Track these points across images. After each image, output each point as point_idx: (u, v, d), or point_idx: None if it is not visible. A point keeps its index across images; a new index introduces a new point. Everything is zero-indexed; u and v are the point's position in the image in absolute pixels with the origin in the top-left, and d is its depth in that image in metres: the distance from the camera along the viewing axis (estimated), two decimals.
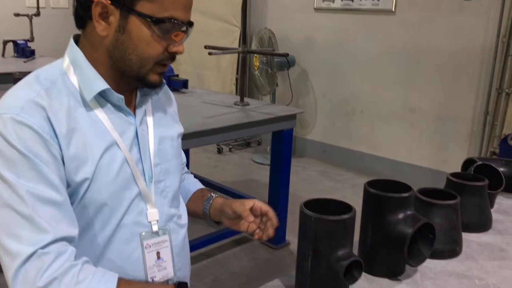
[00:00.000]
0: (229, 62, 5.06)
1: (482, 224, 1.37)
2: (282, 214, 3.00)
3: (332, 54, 4.57)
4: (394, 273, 1.12)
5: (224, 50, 2.77)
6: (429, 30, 3.88)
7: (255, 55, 4.44)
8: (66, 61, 0.96)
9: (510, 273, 1.15)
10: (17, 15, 4.66)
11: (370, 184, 1.13)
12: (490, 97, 3.58)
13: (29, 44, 4.60)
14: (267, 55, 4.38)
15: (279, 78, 4.77)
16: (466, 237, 1.32)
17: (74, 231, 0.87)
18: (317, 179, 4.39)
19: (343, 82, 4.55)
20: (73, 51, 0.96)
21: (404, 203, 1.08)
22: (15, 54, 4.56)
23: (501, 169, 1.60)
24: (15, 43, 4.56)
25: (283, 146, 2.89)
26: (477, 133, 3.71)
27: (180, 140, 1.12)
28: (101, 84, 0.93)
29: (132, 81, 0.97)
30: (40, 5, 5.76)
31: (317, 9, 4.61)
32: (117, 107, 0.97)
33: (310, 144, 4.94)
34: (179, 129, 1.13)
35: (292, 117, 2.87)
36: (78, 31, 1.00)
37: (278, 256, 3.00)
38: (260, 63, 4.52)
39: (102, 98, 0.95)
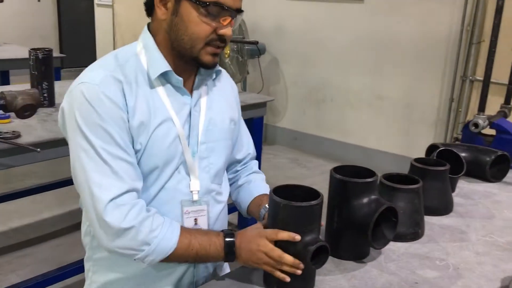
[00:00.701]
0: None
1: (444, 207, 1.42)
2: None
3: (303, 42, 4.59)
4: (359, 256, 1.15)
5: None
6: (397, 18, 3.94)
7: None
8: (139, 45, 1.11)
9: (469, 254, 1.20)
10: None
11: (336, 170, 1.15)
12: (455, 84, 3.68)
13: None
14: (238, 43, 4.36)
15: (250, 66, 4.76)
16: (429, 220, 1.36)
17: (141, 185, 1.05)
18: (288, 166, 4.43)
19: (313, 70, 4.59)
20: (145, 36, 1.11)
21: (368, 188, 1.11)
22: None
23: (462, 154, 1.65)
24: None
25: (253, 134, 2.90)
26: (443, 120, 3.80)
27: (232, 125, 1.23)
28: (164, 66, 1.07)
29: (189, 62, 1.08)
30: None
31: None
32: (176, 88, 1.10)
33: (281, 131, 4.97)
34: (232, 114, 1.23)
35: (262, 105, 2.88)
36: (43, 17, 1.06)
37: None
38: (230, 51, 4.51)
39: (163, 78, 1.09)
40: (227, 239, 1.05)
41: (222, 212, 1.23)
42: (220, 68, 1.21)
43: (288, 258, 0.98)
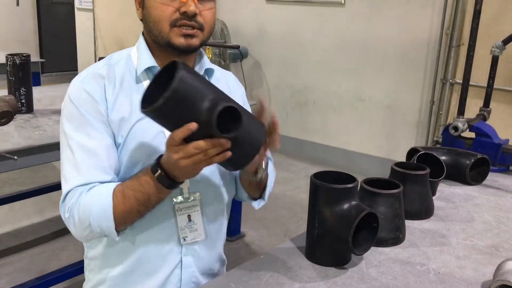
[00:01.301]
0: None
1: (425, 211, 1.42)
2: (236, 206, 3.01)
3: (285, 46, 4.60)
4: (341, 262, 1.14)
5: None
6: (378, 21, 3.97)
7: (208, 47, 4.40)
8: (134, 47, 1.17)
9: (450, 258, 1.20)
10: None
11: (316, 175, 1.15)
12: (435, 87, 3.72)
13: None
14: (219, 47, 4.35)
15: (232, 70, 4.75)
16: (410, 224, 1.37)
17: (107, 177, 1.06)
18: None
19: (295, 73, 4.60)
20: (139, 39, 1.17)
21: (348, 194, 1.10)
22: None
23: (442, 158, 1.66)
24: None
25: None
26: (424, 123, 3.84)
27: None
28: (149, 62, 1.12)
29: (169, 51, 1.09)
30: None
31: (269, 1, 4.61)
32: None
33: None
34: None
35: None
36: (22, 22, 1.10)
37: (234, 248, 3.01)
38: (213, 55, 4.49)
39: (152, 75, 1.11)
40: (152, 166, 0.99)
41: (222, 209, 1.24)
42: (213, 67, 1.21)
43: (202, 142, 0.88)
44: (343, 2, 4.13)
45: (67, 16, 7.59)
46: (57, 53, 7.74)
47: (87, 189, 1.04)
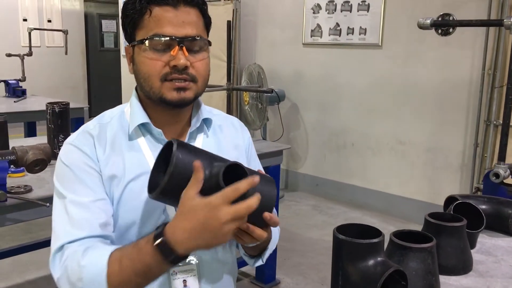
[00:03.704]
0: (220, 98, 5.08)
1: (462, 266, 1.33)
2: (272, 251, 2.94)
3: (322, 88, 4.60)
4: None
5: (208, 87, 2.77)
6: (416, 63, 3.91)
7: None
8: (129, 102, 1.14)
9: None
10: (8, 55, 4.70)
11: (339, 229, 1.09)
12: (479, 129, 3.58)
13: (20, 83, 4.61)
14: (252, 91, 4.39)
15: (270, 113, 4.77)
16: (446, 280, 1.27)
17: (100, 232, 0.99)
18: (310, 214, 4.33)
19: (333, 115, 4.56)
20: (133, 94, 1.14)
21: (374, 249, 1.04)
22: (6, 94, 4.57)
23: (482, 207, 1.57)
24: (6, 82, 4.57)
25: None
26: (468, 166, 3.68)
27: None
28: (141, 118, 1.08)
29: (162, 107, 1.07)
30: (34, 44, 5.84)
31: (306, 44, 4.66)
32: (159, 140, 1.09)
33: (302, 177, 4.91)
34: None
35: (278, 153, 2.85)
36: (72, 69, 1.10)
37: None
38: (250, 98, 4.54)
39: (146, 131, 1.09)
40: (155, 233, 0.88)
41: (223, 273, 1.16)
42: (211, 117, 1.17)
43: (252, 199, 0.82)
44: (380, 44, 4.11)
45: (114, 62, 7.95)
46: (104, 97, 8.07)
47: (83, 249, 0.94)
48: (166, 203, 0.92)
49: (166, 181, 0.85)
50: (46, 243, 3.02)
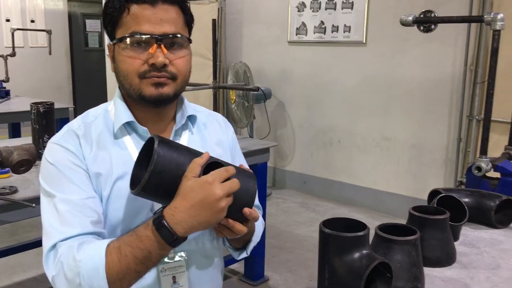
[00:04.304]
0: (207, 96, 5.07)
1: (446, 258, 1.35)
2: (259, 248, 2.95)
3: (308, 86, 4.62)
4: None
5: (195, 86, 2.77)
6: (400, 60, 3.95)
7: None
8: (112, 100, 1.14)
9: None
10: None
11: (325, 223, 1.11)
12: (461, 124, 3.63)
13: (4, 84, 4.56)
14: (239, 89, 4.40)
15: (256, 111, 4.79)
16: (430, 272, 1.30)
17: (91, 229, 0.99)
18: (297, 211, 4.36)
19: (319, 113, 4.59)
20: (116, 92, 1.14)
21: (359, 242, 1.06)
22: None
23: (465, 200, 1.60)
24: None
25: (257, 180, 2.87)
26: (452, 160, 3.74)
27: None
28: (126, 117, 1.08)
29: (143, 104, 1.07)
30: (18, 45, 5.75)
31: (291, 42, 4.68)
32: (144, 138, 1.09)
33: (290, 175, 4.93)
34: None
35: (265, 150, 2.86)
36: (57, 69, 1.10)
37: None
38: (236, 96, 4.55)
39: (131, 130, 1.10)
40: (154, 219, 0.90)
41: (211, 268, 1.18)
42: (195, 114, 1.18)
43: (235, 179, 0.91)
44: (364, 41, 4.15)
45: (99, 62, 7.88)
46: (89, 97, 8.00)
47: (77, 244, 0.94)
48: (148, 199, 0.92)
49: (147, 178, 0.87)
50: (33, 244, 2.99)
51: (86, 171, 1.04)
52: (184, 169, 0.90)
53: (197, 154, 0.95)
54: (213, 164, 0.92)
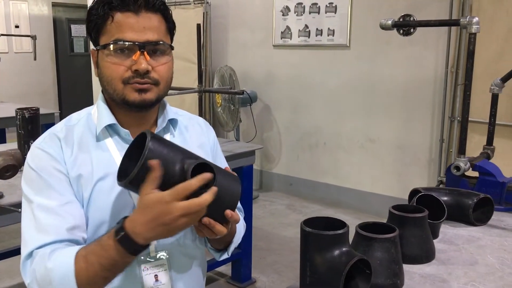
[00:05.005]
0: (193, 100, 5.09)
1: (425, 255, 1.39)
2: (246, 250, 2.98)
3: (293, 88, 4.66)
4: None
5: (180, 90, 2.80)
6: (383, 62, 4.01)
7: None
8: (95, 105, 1.16)
9: None
10: None
11: (306, 222, 1.14)
12: (444, 125, 3.70)
13: None
14: (224, 93, 4.43)
15: (242, 114, 4.82)
16: (409, 269, 1.34)
17: (69, 236, 1.01)
18: (284, 213, 4.39)
19: (305, 115, 4.63)
20: (99, 96, 1.15)
21: (339, 240, 1.09)
22: None
23: (444, 198, 1.64)
24: None
25: (243, 182, 2.89)
26: (435, 161, 3.80)
27: None
28: (108, 119, 1.11)
29: (126, 109, 1.09)
30: (2, 50, 5.73)
31: (276, 46, 4.72)
32: (126, 140, 1.12)
33: (276, 177, 4.96)
34: None
35: (251, 153, 2.89)
36: (42, 75, 1.12)
37: None
38: (222, 100, 4.57)
39: (113, 132, 1.12)
40: (115, 229, 0.93)
41: (193, 267, 1.20)
42: (177, 117, 1.21)
43: (206, 195, 0.88)
44: (348, 44, 4.20)
45: (85, 67, 7.85)
46: (75, 103, 7.95)
47: (49, 252, 0.97)
48: (135, 192, 0.94)
49: (136, 172, 0.88)
50: (19, 251, 2.97)
51: (66, 176, 1.06)
52: (173, 166, 0.91)
53: (188, 153, 0.97)
54: (201, 166, 0.94)
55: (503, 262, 1.39)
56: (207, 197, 0.88)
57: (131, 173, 0.89)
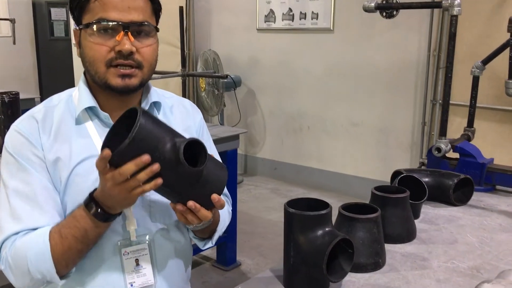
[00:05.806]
0: (176, 84, 5.05)
1: (406, 235, 1.42)
2: (231, 234, 3.00)
3: (277, 73, 4.65)
4: None
5: (163, 74, 2.77)
6: (366, 46, 4.02)
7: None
8: (77, 87, 1.14)
9: (430, 282, 1.19)
10: None
11: (290, 203, 1.15)
12: (426, 108, 3.74)
13: None
14: (207, 77, 4.40)
15: (226, 99, 4.80)
16: (391, 248, 1.36)
17: (44, 222, 1.01)
18: (269, 197, 4.41)
19: (289, 100, 4.64)
20: (81, 78, 1.13)
21: (322, 221, 1.10)
22: None
23: (425, 179, 1.67)
24: None
25: (228, 166, 2.90)
26: (417, 144, 3.85)
27: None
28: (88, 102, 1.09)
29: (108, 92, 1.07)
30: None
31: (260, 30, 4.69)
32: (106, 124, 1.10)
33: (261, 162, 4.98)
34: None
35: (235, 137, 2.89)
36: (21, 59, 1.12)
37: (230, 278, 2.99)
38: (206, 84, 4.55)
39: (94, 115, 1.10)
40: (85, 200, 0.98)
41: (177, 251, 1.18)
42: (160, 100, 1.18)
43: (128, 165, 0.87)
44: (332, 28, 4.20)
45: (65, 51, 7.71)
46: (56, 88, 7.81)
47: (22, 235, 1.00)
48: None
49: (124, 146, 0.86)
50: None
51: (42, 160, 1.04)
52: (162, 143, 0.90)
53: (176, 133, 0.95)
54: (194, 144, 0.92)
55: (482, 241, 1.42)
56: (129, 166, 0.87)
57: (118, 148, 0.87)
